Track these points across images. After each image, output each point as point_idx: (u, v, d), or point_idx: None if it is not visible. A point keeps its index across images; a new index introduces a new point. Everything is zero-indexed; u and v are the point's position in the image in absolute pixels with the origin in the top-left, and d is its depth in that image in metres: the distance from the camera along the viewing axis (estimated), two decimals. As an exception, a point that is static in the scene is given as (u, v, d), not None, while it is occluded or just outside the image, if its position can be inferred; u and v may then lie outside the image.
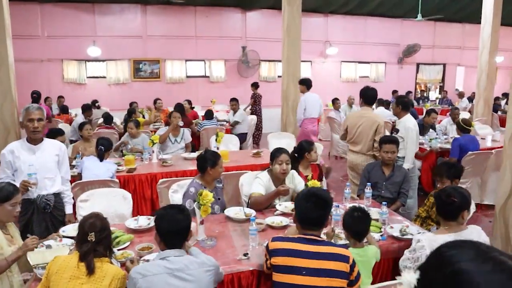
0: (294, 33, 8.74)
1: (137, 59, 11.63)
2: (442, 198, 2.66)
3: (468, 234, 2.67)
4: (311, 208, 2.43)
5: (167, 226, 2.32)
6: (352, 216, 2.78)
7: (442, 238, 2.58)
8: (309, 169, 4.53)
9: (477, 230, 2.74)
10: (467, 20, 13.72)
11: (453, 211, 2.66)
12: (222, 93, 11.92)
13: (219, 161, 3.75)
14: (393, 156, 4.40)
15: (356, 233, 2.77)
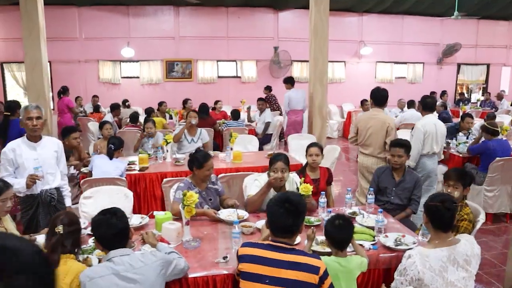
0: (321, 33, 8.53)
1: (169, 60, 11.82)
2: (448, 206, 2.45)
3: (462, 246, 2.46)
4: (282, 215, 2.30)
5: (103, 232, 2.31)
6: (333, 224, 2.64)
7: (435, 253, 2.40)
8: (317, 172, 4.39)
9: (470, 242, 2.53)
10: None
11: (451, 219, 2.47)
12: (253, 93, 11.82)
13: (206, 163, 3.69)
14: (399, 160, 4.18)
15: (337, 242, 2.62)
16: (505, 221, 5.79)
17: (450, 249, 2.41)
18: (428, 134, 4.85)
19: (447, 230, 2.47)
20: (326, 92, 8.71)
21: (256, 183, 3.90)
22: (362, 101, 9.60)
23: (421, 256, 2.38)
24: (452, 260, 2.38)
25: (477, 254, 2.49)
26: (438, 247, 2.42)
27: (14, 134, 5.99)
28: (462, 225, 3.28)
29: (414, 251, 2.43)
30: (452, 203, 2.50)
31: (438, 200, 2.48)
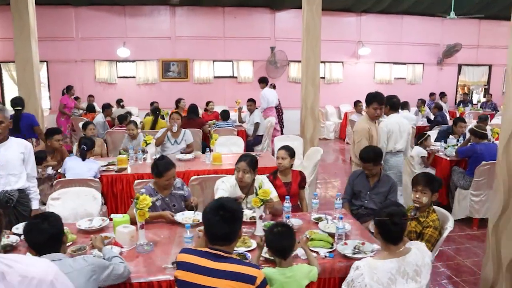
0: (313, 33, 8.40)
1: (165, 60, 11.79)
2: (396, 221, 2.33)
3: (412, 256, 2.35)
4: (218, 222, 2.21)
5: (34, 237, 2.25)
6: (272, 232, 2.52)
7: (384, 265, 2.28)
8: (288, 175, 4.29)
9: (421, 250, 2.41)
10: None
11: (400, 234, 2.36)
12: (249, 93, 11.68)
13: (166, 173, 3.60)
14: (375, 170, 4.11)
15: (278, 250, 2.50)
16: (492, 226, 5.62)
17: (399, 261, 2.29)
18: (392, 132, 5.01)
19: (396, 243, 2.36)
20: (319, 92, 8.58)
21: (223, 186, 3.82)
22: (356, 102, 9.45)
23: (369, 268, 2.27)
24: (402, 272, 2.27)
25: (428, 263, 2.37)
26: (387, 258, 2.31)
27: (25, 127, 6.46)
28: (427, 232, 3.17)
29: (362, 263, 2.32)
30: (401, 216, 2.36)
31: (386, 214, 2.37)
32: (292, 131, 10.43)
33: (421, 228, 3.23)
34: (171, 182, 3.73)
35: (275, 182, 4.18)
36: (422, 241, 3.17)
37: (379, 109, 4.76)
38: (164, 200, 3.72)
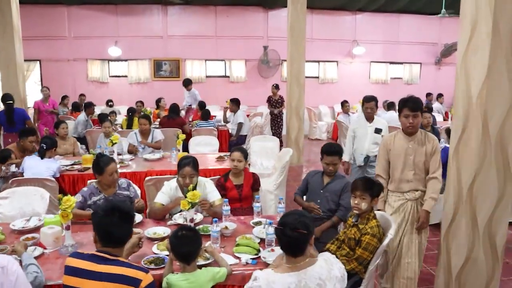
0: (298, 32, 8.31)
1: (157, 59, 11.75)
2: (286, 232, 2.16)
3: (316, 269, 2.17)
4: (110, 224, 2.13)
5: None
6: (176, 236, 2.43)
7: (282, 279, 2.11)
8: (241, 178, 4.16)
9: (328, 263, 2.23)
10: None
11: (301, 245, 2.17)
12: (242, 93, 11.63)
13: (107, 168, 3.52)
14: (335, 168, 3.94)
15: (181, 255, 2.40)
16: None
17: (300, 274, 2.12)
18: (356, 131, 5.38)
19: (293, 255, 2.18)
20: (304, 92, 8.49)
21: (163, 189, 3.71)
22: (343, 102, 9.27)
23: (267, 281, 2.11)
24: (303, 286, 2.11)
25: (336, 276, 2.20)
26: (287, 272, 2.14)
27: (18, 121, 6.80)
28: (364, 239, 3.01)
29: (262, 274, 2.16)
30: (294, 228, 2.12)
31: (281, 223, 2.21)
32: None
33: (359, 235, 3.08)
34: (114, 178, 3.64)
35: (226, 184, 4.07)
36: (360, 248, 3.03)
37: (412, 117, 3.39)
38: (107, 200, 3.63)
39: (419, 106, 3.44)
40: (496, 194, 3.09)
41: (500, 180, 3.07)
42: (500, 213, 3.13)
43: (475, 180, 3.04)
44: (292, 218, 2.19)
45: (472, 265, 3.19)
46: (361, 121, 5.38)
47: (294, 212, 2.32)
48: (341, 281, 2.21)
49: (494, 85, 2.92)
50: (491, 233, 3.16)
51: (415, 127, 3.45)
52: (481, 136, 2.98)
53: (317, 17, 12.05)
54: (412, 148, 3.46)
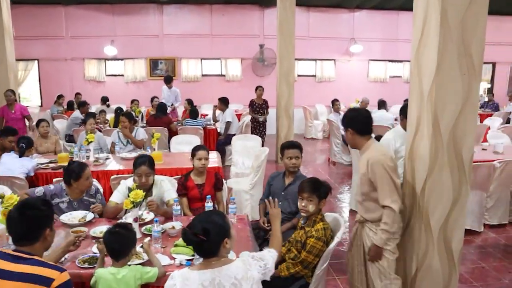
0: (287, 30, 8.20)
1: (153, 58, 11.73)
2: (188, 236, 2.10)
3: (232, 269, 2.09)
4: (19, 221, 2.11)
5: None
6: (110, 232, 2.45)
7: (197, 276, 2.06)
8: (203, 177, 4.08)
9: (246, 263, 2.15)
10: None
11: (210, 249, 2.10)
12: (238, 92, 11.64)
13: (83, 173, 3.49)
14: (298, 162, 3.83)
15: (110, 251, 2.41)
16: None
17: (214, 272, 2.05)
18: None
19: (205, 256, 2.12)
20: (293, 91, 8.39)
21: (119, 188, 3.67)
22: (333, 101, 9.11)
23: (182, 278, 2.06)
24: (217, 284, 2.04)
25: (254, 277, 2.12)
26: (202, 269, 2.08)
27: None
28: (309, 242, 2.90)
29: (177, 272, 2.11)
30: (196, 232, 2.05)
31: (188, 225, 2.14)
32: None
33: (305, 238, 2.97)
34: (90, 182, 3.61)
35: (187, 184, 4.00)
36: (304, 251, 2.92)
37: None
38: (71, 203, 3.59)
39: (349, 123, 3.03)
40: (451, 197, 2.95)
41: (454, 182, 2.93)
42: (455, 217, 3.00)
43: (427, 182, 2.91)
44: (197, 221, 2.13)
45: (426, 272, 3.05)
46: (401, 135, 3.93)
47: (206, 213, 2.28)
48: (256, 283, 2.13)
49: (444, 82, 2.78)
50: (447, 238, 3.02)
51: (349, 143, 3.17)
52: (431, 136, 2.84)
53: (314, 15, 11.90)
54: (357, 165, 3.30)
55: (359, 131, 2.97)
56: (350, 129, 2.99)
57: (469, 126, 2.88)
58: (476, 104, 2.91)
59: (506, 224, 5.49)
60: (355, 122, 2.99)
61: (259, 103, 8.78)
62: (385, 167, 2.77)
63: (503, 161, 5.30)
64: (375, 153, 2.87)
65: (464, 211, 3.02)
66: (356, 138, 2.98)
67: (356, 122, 2.99)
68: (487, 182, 5.26)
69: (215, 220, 2.12)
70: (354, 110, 3.19)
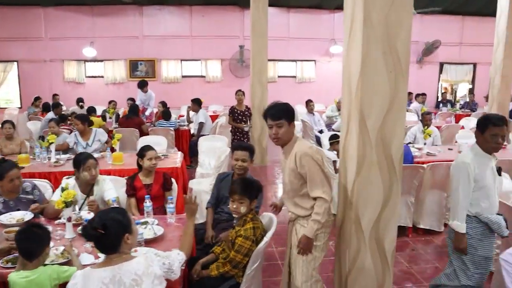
0: (259, 30, 8.20)
1: (133, 59, 11.70)
2: (87, 231, 2.09)
3: (132, 265, 2.08)
4: None
5: None
6: (21, 231, 2.40)
7: (97, 274, 2.05)
8: (151, 177, 4.05)
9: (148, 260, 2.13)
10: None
11: (110, 244, 2.09)
12: (218, 93, 11.64)
13: (6, 174, 3.42)
14: (244, 165, 3.80)
15: (21, 250, 2.35)
16: (406, 235, 5.24)
17: (114, 269, 2.04)
18: None
19: (107, 252, 2.11)
20: (267, 91, 8.38)
21: (59, 188, 3.62)
22: (307, 101, 9.09)
23: (83, 277, 2.04)
24: (118, 281, 2.03)
25: (155, 273, 2.10)
26: (102, 267, 2.07)
27: None
28: (237, 242, 2.88)
29: (80, 272, 2.09)
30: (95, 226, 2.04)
31: (89, 220, 2.13)
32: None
33: (235, 237, 2.95)
34: (15, 184, 3.55)
35: (134, 184, 3.97)
36: (232, 251, 2.90)
37: (276, 127, 2.82)
38: (7, 203, 3.54)
39: (283, 113, 2.81)
40: (381, 197, 2.92)
41: (384, 181, 2.91)
42: (387, 217, 2.96)
43: (356, 182, 2.88)
44: (97, 217, 2.12)
45: (359, 272, 3.02)
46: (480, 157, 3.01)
47: (106, 210, 2.27)
48: (158, 279, 2.12)
49: (370, 79, 2.76)
50: (379, 238, 2.99)
51: (280, 139, 2.84)
52: (359, 134, 2.82)
53: (294, 16, 11.91)
54: (284, 161, 2.95)
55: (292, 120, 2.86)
56: (285, 120, 2.80)
57: (398, 124, 2.85)
58: (404, 102, 2.88)
59: (468, 224, 5.47)
60: (290, 112, 2.87)
61: (241, 110, 7.69)
62: (314, 159, 2.73)
63: (463, 160, 5.29)
64: (301, 147, 2.81)
65: (396, 211, 2.99)
66: (290, 130, 2.85)
67: (291, 113, 2.87)
68: (447, 182, 5.26)
69: (114, 215, 2.13)
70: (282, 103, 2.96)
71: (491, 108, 8.53)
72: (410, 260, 4.65)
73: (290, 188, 2.90)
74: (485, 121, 2.99)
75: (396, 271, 4.39)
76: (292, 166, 2.80)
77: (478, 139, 3.03)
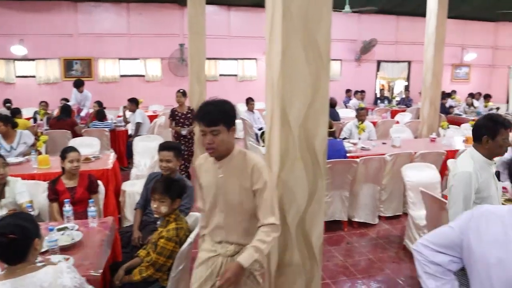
0: (197, 29, 8.06)
1: (67, 58, 11.17)
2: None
3: (38, 276, 1.91)
4: None
5: None
6: None
7: None
8: (75, 180, 3.84)
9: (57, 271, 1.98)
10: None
11: (18, 251, 1.92)
12: (158, 92, 11.37)
13: None
14: (168, 166, 3.66)
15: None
16: (342, 229, 5.33)
17: (16, 281, 1.87)
18: None
19: (12, 262, 1.93)
20: (205, 90, 8.26)
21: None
22: (247, 99, 9.09)
23: None
24: None
25: (63, 285, 1.95)
26: (2, 279, 1.89)
27: None
28: (160, 243, 2.77)
29: None
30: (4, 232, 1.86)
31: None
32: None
33: (158, 239, 2.83)
34: None
35: (57, 188, 3.75)
36: (154, 253, 2.78)
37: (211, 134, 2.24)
38: None
39: (220, 117, 2.23)
40: (306, 191, 2.90)
41: (309, 176, 2.88)
42: (313, 211, 2.94)
43: (280, 176, 2.85)
44: (4, 222, 1.94)
45: (288, 267, 2.98)
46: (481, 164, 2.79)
47: (13, 215, 2.09)
48: None
49: (291, 73, 2.72)
50: (306, 233, 2.97)
51: (217, 149, 2.25)
52: (281, 128, 2.78)
53: (235, 14, 11.86)
54: (224, 178, 2.34)
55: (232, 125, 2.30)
56: (224, 126, 2.23)
57: (321, 118, 2.84)
58: (326, 96, 2.87)
59: (400, 215, 5.66)
60: (230, 115, 2.30)
61: (182, 112, 6.88)
62: (269, 175, 2.34)
63: (394, 154, 5.46)
64: (255, 156, 2.37)
65: (322, 205, 2.99)
66: (230, 138, 2.29)
67: (231, 115, 2.31)
68: (380, 175, 5.40)
69: (21, 220, 1.96)
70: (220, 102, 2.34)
71: (423, 104, 8.88)
72: (345, 254, 4.73)
73: (240, 210, 2.34)
74: (495, 125, 2.71)
75: (331, 265, 4.45)
76: (245, 183, 2.29)
77: (487, 145, 2.72)
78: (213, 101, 2.29)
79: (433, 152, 5.67)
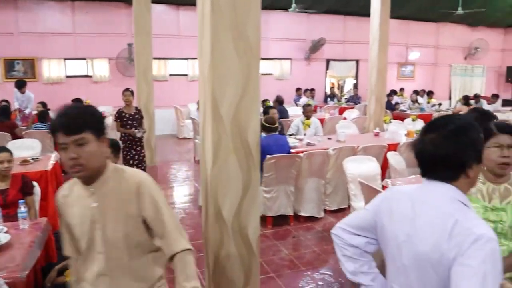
0: (143, 28, 7.95)
1: (8, 58, 10.67)
2: None
3: None
4: None
5: None
6: None
7: None
8: (6, 182, 3.69)
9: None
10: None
11: None
12: (106, 93, 11.07)
13: None
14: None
15: None
16: (288, 223, 5.41)
17: None
18: None
19: None
20: (153, 90, 8.17)
21: None
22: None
23: None
24: None
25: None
26: None
27: None
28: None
29: None
30: None
31: None
32: (160, 131, 10.04)
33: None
34: None
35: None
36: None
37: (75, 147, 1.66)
38: None
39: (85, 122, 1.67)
40: (241, 185, 2.93)
41: (243, 168, 2.92)
42: (248, 204, 2.98)
43: (213, 169, 2.86)
44: None
45: (225, 261, 3.00)
46: None
47: None
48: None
49: (221, 65, 2.76)
50: (242, 226, 3.00)
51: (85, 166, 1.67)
52: (213, 120, 2.80)
53: (184, 14, 11.76)
54: (99, 207, 1.76)
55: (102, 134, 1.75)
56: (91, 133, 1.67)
57: (253, 110, 2.89)
58: (257, 88, 2.91)
59: (346, 208, 5.79)
60: (98, 120, 1.75)
61: (130, 113, 6.35)
62: (160, 192, 1.85)
63: (337, 148, 5.60)
64: (136, 172, 1.87)
65: (256, 198, 3.03)
66: (101, 149, 1.73)
67: (99, 121, 1.75)
68: (324, 169, 5.52)
69: None
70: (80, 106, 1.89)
71: (370, 100, 9.16)
72: (290, 248, 4.81)
73: (126, 246, 1.79)
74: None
75: (276, 259, 4.50)
76: (129, 210, 1.77)
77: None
78: (73, 104, 1.81)
79: (375, 146, 5.86)
